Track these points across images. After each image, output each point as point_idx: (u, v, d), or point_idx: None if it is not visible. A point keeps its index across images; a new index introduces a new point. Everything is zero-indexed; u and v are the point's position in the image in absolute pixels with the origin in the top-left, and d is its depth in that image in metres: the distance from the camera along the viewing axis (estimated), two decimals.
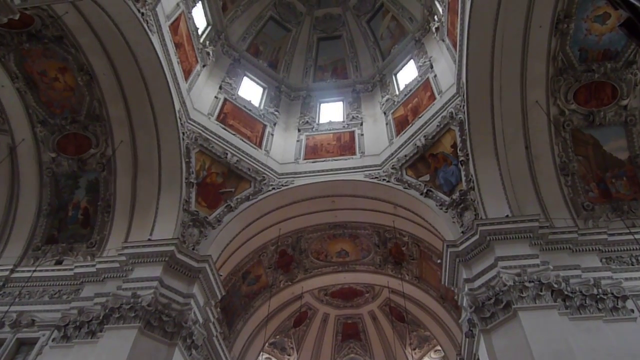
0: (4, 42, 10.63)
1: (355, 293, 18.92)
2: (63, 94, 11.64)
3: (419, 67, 15.36)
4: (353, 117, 16.06)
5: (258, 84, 17.39)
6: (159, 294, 10.18)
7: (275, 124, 15.95)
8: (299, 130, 16.09)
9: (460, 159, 11.67)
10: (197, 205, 12.39)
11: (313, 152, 14.97)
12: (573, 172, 10.99)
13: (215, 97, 14.90)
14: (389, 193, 13.27)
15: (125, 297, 9.96)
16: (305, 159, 14.71)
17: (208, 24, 15.94)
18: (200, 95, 14.18)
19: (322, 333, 19.76)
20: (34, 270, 10.93)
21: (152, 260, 10.75)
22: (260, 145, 14.65)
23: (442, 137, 12.46)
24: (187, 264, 11.01)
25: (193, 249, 11.65)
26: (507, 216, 10.29)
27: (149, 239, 11.22)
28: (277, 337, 18.80)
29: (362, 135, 15.24)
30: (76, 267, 11.15)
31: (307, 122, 16.34)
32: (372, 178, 13.32)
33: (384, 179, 13.17)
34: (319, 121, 16.79)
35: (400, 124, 14.34)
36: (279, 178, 13.85)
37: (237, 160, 13.44)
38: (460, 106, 11.86)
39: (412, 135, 13.28)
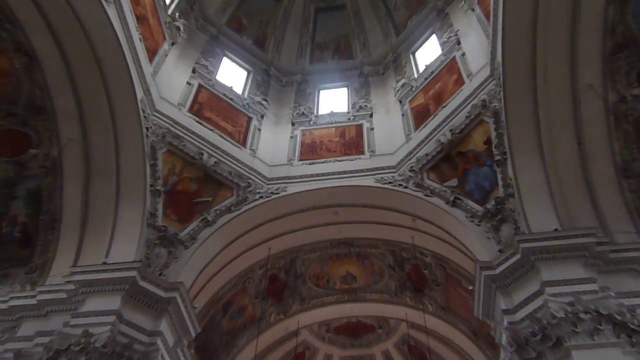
0: None
1: (365, 329, 18.93)
2: None
3: (442, 44, 15.46)
4: (360, 107, 16.17)
5: (241, 66, 17.51)
6: (117, 332, 10.05)
7: (263, 117, 16.06)
8: (292, 124, 16.19)
9: (495, 159, 11.71)
10: (166, 219, 12.45)
11: (311, 151, 15.13)
12: (638, 174, 10.88)
13: (188, 83, 15.02)
14: (406, 202, 13.35)
15: (74, 336, 9.79)
16: (300, 160, 14.84)
17: None
18: (169, 81, 14.27)
19: None
20: None
21: (109, 289, 10.67)
22: (244, 143, 14.75)
23: (473, 131, 12.52)
24: (152, 294, 10.96)
25: (160, 274, 11.65)
26: (555, 230, 10.26)
27: (105, 262, 11.19)
28: None
29: (372, 129, 15.36)
30: (12, 298, 11.02)
31: (303, 113, 16.43)
32: (385, 183, 13.43)
33: (399, 185, 13.29)
34: (317, 112, 16.86)
35: (420, 115, 14.43)
36: (268, 184, 13.96)
37: (216, 162, 13.54)
38: (495, 92, 11.91)
39: (435, 129, 13.36)
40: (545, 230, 10.30)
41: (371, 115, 15.93)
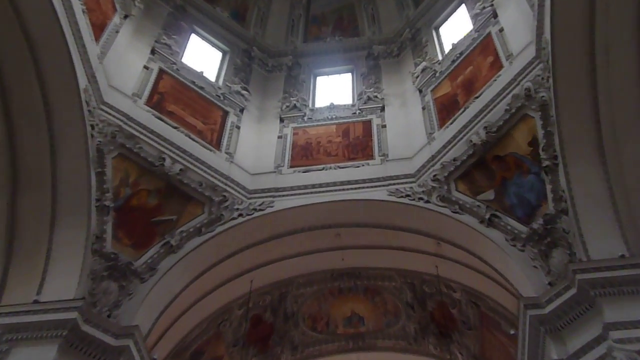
0: None
1: None
2: None
3: (474, 17, 15.58)
4: (369, 98, 16.35)
5: (214, 45, 17.78)
6: None
7: (242, 111, 16.28)
8: (281, 120, 16.40)
9: (543, 165, 11.63)
10: (117, 244, 12.45)
11: (305, 155, 15.33)
12: None
13: (145, 67, 15.13)
14: (428, 221, 13.49)
15: None
16: (292, 167, 15.05)
17: None
18: (121, 65, 14.32)
19: None
20: None
21: (42, 336, 10.44)
22: (218, 145, 14.93)
23: (514, 128, 12.58)
24: (99, 341, 10.79)
25: (109, 315, 11.53)
26: (621, 257, 10.15)
27: (36, 301, 11.04)
28: None
29: (384, 126, 15.58)
30: None
31: (295, 106, 16.65)
32: (401, 197, 13.57)
33: (420, 199, 13.42)
34: (313, 105, 17.09)
35: (446, 109, 14.58)
36: (250, 198, 14.16)
37: (182, 170, 13.62)
38: (543, 79, 11.90)
39: (465, 127, 13.47)
40: (609, 257, 10.15)
41: (383, 109, 16.07)
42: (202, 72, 16.34)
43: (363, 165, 14.62)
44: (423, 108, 15.33)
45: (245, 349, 15.72)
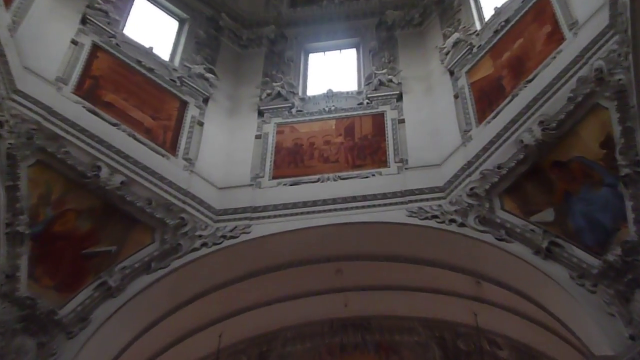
0: None
1: None
2: None
3: None
4: (381, 83, 16.65)
5: (169, 12, 18.08)
6: None
7: (207, 100, 16.66)
8: (260, 114, 16.70)
9: (622, 174, 11.34)
10: (34, 285, 12.39)
11: (293, 161, 15.65)
12: None
13: (74, 42, 15.13)
14: (463, 251, 13.66)
15: None
16: (275, 178, 15.36)
17: None
18: (40, 39, 14.25)
19: None
20: None
21: None
22: (174, 149, 15.22)
23: (581, 124, 12.48)
24: None
25: None
26: None
27: None
28: None
29: (402, 121, 15.87)
30: None
31: (279, 94, 16.93)
32: (426, 218, 13.75)
33: (451, 221, 13.57)
34: (304, 92, 17.57)
35: (486, 97, 14.78)
36: (218, 221, 14.47)
37: (124, 183, 13.71)
38: (620, 56, 11.71)
39: (514, 122, 13.49)
40: None
41: (400, 98, 16.32)
42: (151, 48, 16.47)
43: (373, 175, 14.75)
44: (455, 96, 15.49)
45: None
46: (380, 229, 14.11)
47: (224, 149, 15.90)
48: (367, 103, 16.33)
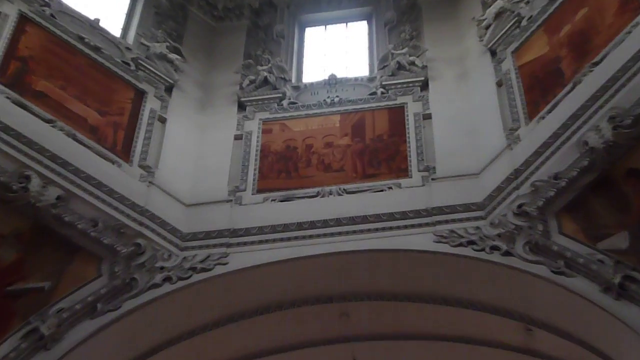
0: None
1: None
2: None
3: None
4: (400, 66, 16.27)
5: None
6: None
7: (171, 89, 16.34)
8: (241, 107, 16.48)
9: None
10: None
11: (284, 169, 15.37)
12: None
13: None
14: (509, 288, 13.11)
15: None
16: (260, 191, 15.02)
17: None
18: None
19: None
20: None
21: None
22: (127, 154, 14.84)
23: None
24: None
25: None
26: None
27: None
28: None
29: (428, 117, 15.51)
30: None
31: (267, 81, 16.66)
32: (460, 244, 13.18)
33: (494, 248, 13.05)
34: (299, 78, 17.36)
35: (540, 84, 14.33)
36: (185, 248, 14.04)
37: (60, 199, 13.18)
38: None
39: (576, 118, 12.92)
40: None
41: (425, 85, 15.93)
42: (97, 21, 16.11)
43: (390, 189, 14.48)
44: (498, 84, 15.08)
45: None
46: (398, 259, 13.62)
47: (194, 153, 15.62)
48: (382, 93, 16.04)
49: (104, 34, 16.11)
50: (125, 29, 16.86)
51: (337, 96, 16.20)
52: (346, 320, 14.28)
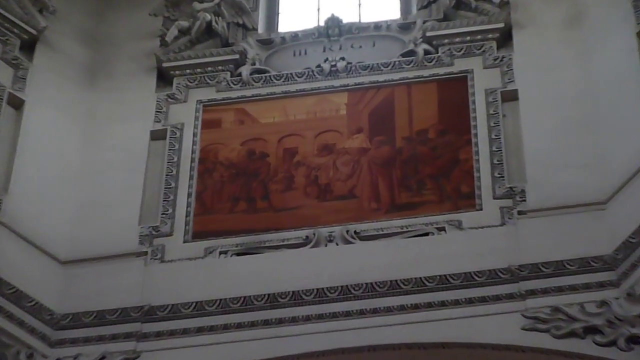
0: None
1: None
2: None
3: None
4: (458, 3, 12.97)
5: None
6: None
7: (34, 46, 13.41)
8: (163, 78, 13.42)
9: None
10: None
11: (243, 194, 12.34)
12: None
13: None
14: None
15: None
16: (197, 237, 11.78)
17: None
18: None
19: None
20: None
21: None
22: None
23: None
24: None
25: None
26: None
27: None
28: None
29: (512, 97, 12.16)
30: None
31: (209, 29, 13.66)
32: (571, 334, 10.38)
33: (632, 342, 10.32)
34: (270, 26, 14.44)
35: None
36: (58, 342, 11.22)
37: None
38: None
39: None
40: None
41: (507, 38, 12.57)
42: None
43: (442, 230, 10.82)
44: None
45: None
46: (457, 358, 10.26)
47: (75, 165, 11.81)
48: (426, 52, 12.17)
49: None
50: None
51: (341, 58, 12.45)
52: None
